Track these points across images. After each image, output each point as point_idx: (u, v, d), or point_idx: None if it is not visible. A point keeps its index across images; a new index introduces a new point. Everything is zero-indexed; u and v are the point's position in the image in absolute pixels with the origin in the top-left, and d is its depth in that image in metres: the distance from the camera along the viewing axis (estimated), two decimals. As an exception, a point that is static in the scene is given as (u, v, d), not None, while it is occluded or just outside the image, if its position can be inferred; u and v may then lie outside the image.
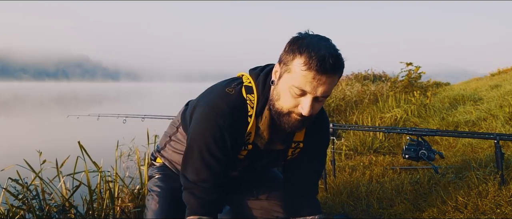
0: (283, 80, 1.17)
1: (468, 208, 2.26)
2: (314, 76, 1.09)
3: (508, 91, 6.49)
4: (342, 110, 6.96)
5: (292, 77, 1.13)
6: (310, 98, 1.14)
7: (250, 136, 1.29)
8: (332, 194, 2.90)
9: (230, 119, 1.24)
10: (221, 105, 1.25)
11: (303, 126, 1.23)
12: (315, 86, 1.11)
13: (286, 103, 1.17)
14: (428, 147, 2.56)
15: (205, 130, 1.25)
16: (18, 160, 2.51)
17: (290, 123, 1.20)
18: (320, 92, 1.12)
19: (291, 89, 1.14)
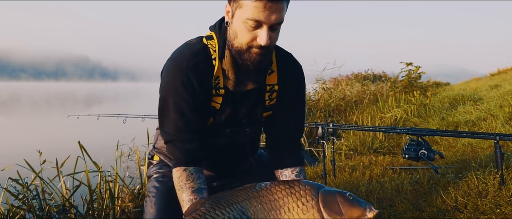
0: (237, 17, 1.22)
1: (468, 208, 2.26)
2: (265, 5, 1.15)
3: (508, 91, 6.50)
4: (342, 110, 6.97)
5: (245, 11, 1.18)
6: (266, 28, 1.19)
7: (219, 79, 1.33)
8: (332, 194, 2.90)
9: (193, 61, 1.29)
10: (184, 53, 1.32)
11: (264, 59, 1.27)
12: (267, 14, 1.17)
13: (244, 38, 1.22)
14: (428, 147, 2.56)
15: (172, 78, 1.29)
16: (18, 160, 2.51)
17: (251, 58, 1.24)
18: (273, 19, 1.18)
19: (246, 23, 1.19)
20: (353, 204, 1.24)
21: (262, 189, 1.30)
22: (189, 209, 1.25)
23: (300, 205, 1.27)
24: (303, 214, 1.26)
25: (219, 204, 1.25)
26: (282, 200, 1.29)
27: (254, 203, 1.28)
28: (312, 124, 3.54)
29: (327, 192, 1.29)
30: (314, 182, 1.34)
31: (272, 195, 1.29)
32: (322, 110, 6.74)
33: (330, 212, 1.25)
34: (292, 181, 1.32)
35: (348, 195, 1.27)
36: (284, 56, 1.46)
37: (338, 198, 1.26)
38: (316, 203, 1.26)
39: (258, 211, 1.27)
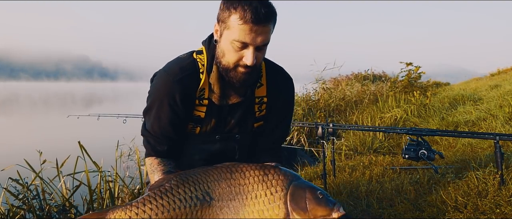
0: (224, 38, 1.30)
1: (468, 208, 2.26)
2: (251, 28, 1.22)
3: (508, 91, 6.50)
4: (342, 110, 6.97)
5: (232, 33, 1.25)
6: (252, 49, 1.26)
7: (204, 91, 1.41)
8: (332, 194, 2.90)
9: (180, 75, 1.38)
10: (173, 66, 1.42)
11: (250, 78, 1.35)
12: (253, 37, 1.24)
13: (231, 58, 1.30)
14: (428, 147, 2.56)
15: (159, 89, 1.41)
16: (18, 160, 2.51)
17: (237, 77, 1.33)
18: (259, 42, 1.25)
19: (233, 44, 1.26)
20: (320, 203, 1.26)
21: (237, 170, 1.32)
22: (155, 183, 1.28)
23: (268, 194, 1.29)
24: (268, 204, 1.28)
25: (186, 182, 1.27)
26: (251, 186, 1.30)
27: (223, 185, 1.29)
28: (312, 124, 3.54)
29: (298, 186, 1.30)
30: (291, 172, 1.35)
31: (244, 179, 1.30)
32: (322, 110, 6.74)
33: (295, 207, 1.27)
34: (269, 168, 1.33)
35: (318, 192, 1.28)
36: (275, 70, 1.54)
37: (307, 194, 1.28)
38: (284, 195, 1.28)
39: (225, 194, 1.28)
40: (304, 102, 6.91)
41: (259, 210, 1.27)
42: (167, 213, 1.23)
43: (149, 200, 1.24)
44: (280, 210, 1.27)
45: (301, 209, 1.26)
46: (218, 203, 1.27)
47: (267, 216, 1.27)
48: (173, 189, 1.25)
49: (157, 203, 1.23)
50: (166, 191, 1.25)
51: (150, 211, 1.23)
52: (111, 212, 1.23)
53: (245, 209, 1.27)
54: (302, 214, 1.26)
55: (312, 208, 1.26)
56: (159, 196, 1.24)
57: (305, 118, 6.31)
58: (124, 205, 1.24)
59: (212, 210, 1.27)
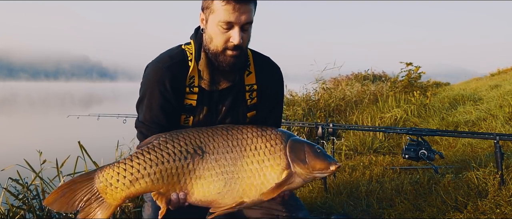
0: (210, 22, 1.38)
1: (468, 208, 2.26)
2: (234, 7, 1.31)
3: (508, 91, 6.50)
4: (342, 110, 6.96)
5: (217, 15, 1.34)
6: (237, 29, 1.35)
7: (194, 79, 1.47)
8: (332, 194, 2.90)
9: (169, 62, 1.45)
10: (162, 56, 1.50)
11: (238, 61, 1.42)
12: (237, 16, 1.33)
13: (218, 41, 1.37)
14: (428, 147, 2.56)
15: (149, 78, 1.47)
16: (18, 160, 2.51)
17: (226, 60, 1.40)
18: (243, 20, 1.34)
19: (219, 25, 1.35)
20: (318, 156, 1.33)
21: (234, 128, 1.37)
22: (143, 141, 1.30)
23: (268, 146, 1.34)
24: (269, 154, 1.32)
25: (176, 138, 1.30)
26: (250, 139, 1.35)
27: (218, 140, 1.32)
28: (312, 124, 3.54)
29: (296, 140, 1.37)
30: (286, 131, 1.41)
31: (241, 134, 1.35)
32: (322, 110, 6.74)
33: (295, 158, 1.32)
34: (265, 127, 1.40)
35: (316, 147, 1.35)
36: (262, 59, 1.61)
37: (306, 148, 1.34)
38: (284, 147, 1.34)
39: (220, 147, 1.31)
40: (304, 102, 6.90)
41: (259, 160, 1.31)
42: (155, 166, 1.24)
43: (136, 155, 1.26)
44: (281, 160, 1.32)
45: (301, 161, 1.31)
46: (212, 155, 1.30)
47: (268, 166, 1.31)
48: (161, 145, 1.27)
49: (144, 157, 1.25)
50: (153, 146, 1.27)
51: (138, 166, 1.24)
52: (99, 171, 1.25)
53: (244, 160, 1.31)
54: (301, 165, 1.31)
55: (311, 160, 1.31)
56: (146, 151, 1.26)
57: (305, 118, 6.30)
58: (111, 163, 1.26)
59: (206, 162, 1.29)
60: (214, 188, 1.28)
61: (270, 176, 1.30)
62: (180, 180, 1.27)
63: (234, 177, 1.29)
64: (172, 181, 1.26)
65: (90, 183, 1.24)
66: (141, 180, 1.24)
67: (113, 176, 1.24)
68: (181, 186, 1.27)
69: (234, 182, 1.29)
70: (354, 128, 4.03)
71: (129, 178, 1.24)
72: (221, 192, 1.28)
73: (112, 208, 1.25)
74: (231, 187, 1.29)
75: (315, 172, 1.32)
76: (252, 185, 1.29)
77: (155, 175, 1.24)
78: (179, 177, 1.27)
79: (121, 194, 1.25)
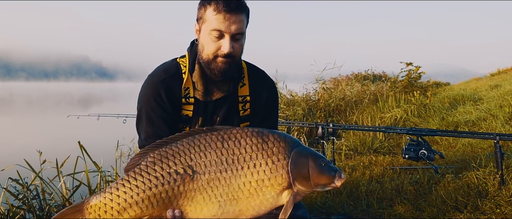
0: (203, 31, 1.43)
1: (468, 208, 2.26)
2: (224, 16, 1.36)
3: (508, 91, 6.50)
4: (342, 110, 6.96)
5: (208, 24, 1.39)
6: (228, 38, 1.39)
7: (189, 90, 1.51)
8: (332, 194, 2.90)
9: (164, 76, 1.50)
10: (157, 70, 1.54)
11: (230, 69, 1.45)
12: (228, 25, 1.37)
13: (210, 49, 1.42)
14: (428, 147, 2.56)
15: (145, 92, 1.51)
16: (18, 160, 2.51)
17: (218, 67, 1.43)
18: (234, 30, 1.39)
19: (210, 34, 1.40)
20: (323, 171, 1.23)
21: (230, 138, 1.24)
22: (131, 161, 1.25)
23: (270, 163, 1.22)
24: (270, 173, 1.21)
25: (164, 157, 1.21)
26: (249, 155, 1.22)
27: (210, 156, 1.21)
28: (312, 124, 3.54)
29: (300, 153, 1.25)
30: (291, 137, 1.30)
31: (239, 148, 1.23)
32: (322, 110, 6.74)
33: (298, 176, 1.22)
34: (266, 135, 1.26)
35: (321, 160, 1.25)
36: (256, 71, 1.65)
37: (310, 162, 1.23)
38: (287, 164, 1.22)
39: (213, 165, 1.20)
40: (304, 103, 6.90)
41: (258, 180, 1.20)
42: (142, 193, 1.18)
43: (122, 183, 1.19)
44: (283, 179, 1.21)
45: (304, 178, 1.22)
46: (204, 176, 1.20)
47: (268, 185, 1.20)
48: (149, 167, 1.20)
49: (131, 185, 1.19)
50: (140, 170, 1.20)
51: (124, 194, 1.18)
52: (87, 202, 1.21)
53: (241, 180, 1.20)
54: (304, 183, 1.22)
55: (315, 177, 1.22)
56: (133, 177, 1.19)
57: (305, 118, 6.30)
58: (99, 193, 1.21)
59: (197, 183, 1.20)
60: (208, 211, 1.20)
61: (269, 195, 1.21)
62: (172, 203, 1.20)
63: (229, 199, 1.20)
64: (163, 205, 1.20)
65: (80, 215, 1.22)
66: (129, 208, 1.19)
67: (101, 207, 1.19)
68: (174, 207, 1.21)
69: (229, 204, 1.20)
70: (354, 128, 4.03)
71: (116, 208, 1.19)
72: (216, 214, 1.20)
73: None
74: (226, 209, 1.20)
75: (318, 187, 1.25)
76: (249, 206, 1.21)
77: (144, 202, 1.18)
78: (170, 200, 1.20)
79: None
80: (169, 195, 1.19)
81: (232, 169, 1.20)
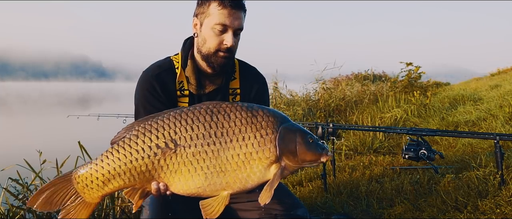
0: (205, 25, 1.49)
1: (468, 208, 2.26)
2: (229, 12, 1.44)
3: (508, 91, 6.50)
4: (342, 110, 6.96)
5: (213, 19, 1.46)
6: (231, 32, 1.47)
7: (183, 84, 1.58)
8: (332, 194, 2.90)
9: (157, 71, 1.57)
10: (150, 67, 1.61)
11: (228, 63, 1.54)
12: (232, 20, 1.45)
13: (212, 43, 1.48)
14: (428, 147, 2.56)
15: (141, 87, 1.57)
16: (18, 160, 2.50)
17: (218, 61, 1.51)
18: (236, 25, 1.47)
19: (214, 28, 1.46)
20: (310, 147, 1.25)
21: (220, 113, 1.26)
22: (118, 134, 1.29)
23: (258, 137, 1.24)
24: (258, 147, 1.23)
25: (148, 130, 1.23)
26: (238, 128, 1.24)
27: (197, 129, 1.23)
28: (312, 124, 3.54)
29: (288, 129, 1.27)
30: (280, 113, 1.32)
31: (228, 122, 1.25)
32: (322, 110, 6.74)
33: (285, 150, 1.24)
34: (256, 109, 1.28)
35: (309, 137, 1.27)
36: (247, 67, 1.73)
37: (298, 138, 1.25)
38: (275, 139, 1.24)
39: (200, 139, 1.22)
40: (304, 102, 6.90)
41: (247, 153, 1.22)
42: (124, 166, 1.22)
43: (106, 155, 1.25)
44: (270, 153, 1.23)
45: (291, 153, 1.24)
46: (189, 149, 1.21)
47: (256, 158, 1.22)
48: (132, 140, 1.23)
49: (114, 157, 1.23)
50: (123, 143, 1.24)
51: (107, 166, 1.23)
52: (75, 172, 1.28)
53: (229, 152, 1.22)
54: (291, 158, 1.24)
55: (301, 152, 1.24)
56: (116, 150, 1.24)
57: (305, 118, 6.30)
58: (86, 163, 1.27)
59: (181, 156, 1.22)
60: (193, 183, 1.23)
61: (257, 169, 1.23)
62: (154, 176, 1.24)
63: (216, 171, 1.21)
64: (145, 178, 1.24)
65: (69, 184, 1.28)
66: (113, 180, 1.24)
67: (87, 177, 1.25)
68: (157, 181, 1.25)
69: (217, 176, 1.22)
70: (354, 128, 4.03)
71: (101, 179, 1.24)
72: (201, 186, 1.23)
73: (92, 207, 1.30)
74: (212, 181, 1.22)
75: (305, 163, 1.27)
76: (236, 178, 1.22)
77: (126, 174, 1.23)
78: (151, 173, 1.23)
79: (97, 194, 1.27)
80: (150, 168, 1.23)
81: (220, 142, 1.23)
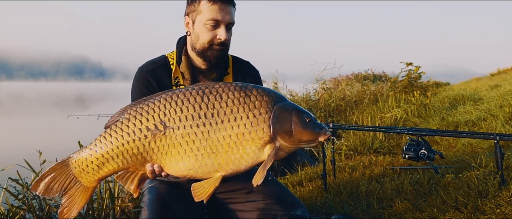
0: (197, 22, 1.53)
1: (468, 208, 2.26)
2: (220, 7, 1.50)
3: (508, 91, 6.49)
4: (342, 110, 6.96)
5: (204, 15, 1.51)
6: (223, 27, 1.52)
7: (179, 79, 1.63)
8: (332, 194, 2.90)
9: (152, 66, 1.63)
10: (145, 63, 1.67)
11: (223, 55, 1.58)
12: (223, 15, 1.51)
13: (205, 38, 1.53)
14: (428, 147, 2.56)
15: (136, 83, 1.62)
16: (18, 160, 2.50)
17: (214, 54, 1.55)
18: (228, 19, 1.52)
19: (206, 24, 1.51)
20: (306, 127, 1.20)
21: (212, 93, 1.22)
22: (111, 118, 1.30)
23: (251, 117, 1.20)
24: (251, 127, 1.19)
25: (139, 113, 1.24)
26: (230, 109, 1.21)
27: (187, 110, 1.20)
28: (312, 124, 3.54)
29: (283, 108, 1.22)
30: (275, 92, 1.28)
31: (220, 102, 1.21)
32: (322, 110, 6.74)
33: (280, 130, 1.19)
34: (249, 89, 1.24)
35: (305, 116, 1.22)
36: (240, 62, 1.77)
37: (293, 117, 1.20)
38: (268, 118, 1.19)
39: (189, 120, 1.20)
40: (304, 103, 6.90)
41: (239, 133, 1.18)
42: (117, 149, 1.24)
43: (100, 140, 1.27)
44: (264, 133, 1.18)
45: (286, 133, 1.19)
46: (177, 130, 1.19)
47: (248, 139, 1.18)
48: (123, 123, 1.24)
49: (107, 141, 1.25)
50: (116, 127, 1.25)
51: (101, 150, 1.25)
52: (72, 157, 1.32)
53: (220, 133, 1.18)
54: (286, 138, 1.19)
55: (297, 132, 1.19)
56: (109, 134, 1.26)
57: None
58: (82, 148, 1.31)
59: (170, 138, 1.20)
60: (184, 165, 1.21)
61: (250, 149, 1.19)
62: (146, 158, 1.24)
63: (207, 153, 1.18)
64: (138, 160, 1.25)
65: (67, 169, 1.32)
66: (107, 163, 1.26)
67: (83, 161, 1.29)
68: (151, 162, 1.25)
69: (208, 157, 1.19)
70: (354, 128, 4.03)
71: (95, 162, 1.27)
72: (192, 168, 1.21)
73: (90, 190, 1.32)
74: (204, 163, 1.20)
75: (302, 143, 1.22)
76: (229, 159, 1.19)
77: (119, 157, 1.25)
78: (143, 155, 1.23)
79: (93, 177, 1.29)
80: (141, 151, 1.23)
81: (211, 123, 1.19)
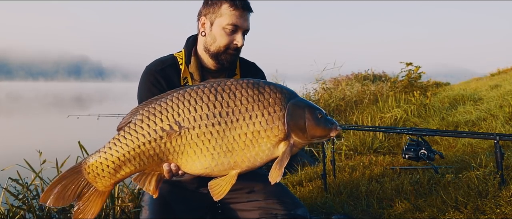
0: (216, 25, 1.54)
1: (468, 208, 2.26)
2: (241, 13, 1.52)
3: (508, 91, 6.49)
4: (342, 110, 6.96)
5: (224, 19, 1.52)
6: (241, 32, 1.55)
7: (187, 79, 1.63)
8: (332, 194, 2.90)
9: (161, 66, 1.61)
10: (154, 62, 1.65)
11: (235, 59, 1.62)
12: (242, 21, 1.54)
13: (222, 41, 1.55)
14: (428, 147, 2.56)
15: (144, 81, 1.60)
16: (18, 160, 2.51)
17: (227, 58, 1.58)
18: (246, 26, 1.55)
19: (226, 28, 1.53)
20: (319, 123, 1.23)
21: (225, 92, 1.22)
22: (123, 119, 1.28)
23: (266, 115, 1.21)
24: (266, 125, 1.20)
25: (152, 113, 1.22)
26: (245, 107, 1.21)
27: (201, 110, 1.20)
28: (312, 124, 3.54)
29: (297, 105, 1.24)
30: (287, 88, 1.30)
31: (234, 101, 1.21)
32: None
33: (294, 127, 1.21)
34: (262, 86, 1.25)
35: (317, 112, 1.25)
36: (247, 64, 1.80)
37: (306, 114, 1.23)
38: (283, 116, 1.21)
39: (204, 119, 1.19)
40: (304, 102, 6.89)
41: (254, 131, 1.20)
42: (133, 151, 1.22)
43: (114, 142, 1.24)
44: (279, 131, 1.21)
45: (300, 130, 1.22)
46: (193, 130, 1.19)
47: (264, 137, 1.20)
48: (137, 125, 1.23)
49: (121, 143, 1.23)
50: (129, 129, 1.23)
51: (116, 153, 1.23)
52: (84, 163, 1.27)
53: (236, 132, 1.19)
54: (300, 135, 1.22)
55: (311, 128, 1.22)
56: (123, 136, 1.24)
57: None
58: (95, 153, 1.27)
59: (185, 138, 1.20)
60: (200, 164, 1.21)
61: (265, 147, 1.20)
62: (162, 159, 1.23)
63: (223, 151, 1.19)
64: (154, 161, 1.23)
65: (79, 176, 1.28)
66: (123, 166, 1.24)
67: (97, 166, 1.26)
68: (167, 162, 1.24)
69: (224, 156, 1.20)
70: (354, 128, 4.03)
71: (111, 166, 1.25)
72: (209, 166, 1.21)
73: (106, 194, 1.31)
74: (220, 161, 1.20)
75: (315, 139, 1.25)
76: (245, 157, 1.20)
77: (135, 159, 1.23)
78: (160, 156, 1.23)
79: (109, 181, 1.28)
80: (157, 152, 1.22)
81: (226, 122, 1.20)
